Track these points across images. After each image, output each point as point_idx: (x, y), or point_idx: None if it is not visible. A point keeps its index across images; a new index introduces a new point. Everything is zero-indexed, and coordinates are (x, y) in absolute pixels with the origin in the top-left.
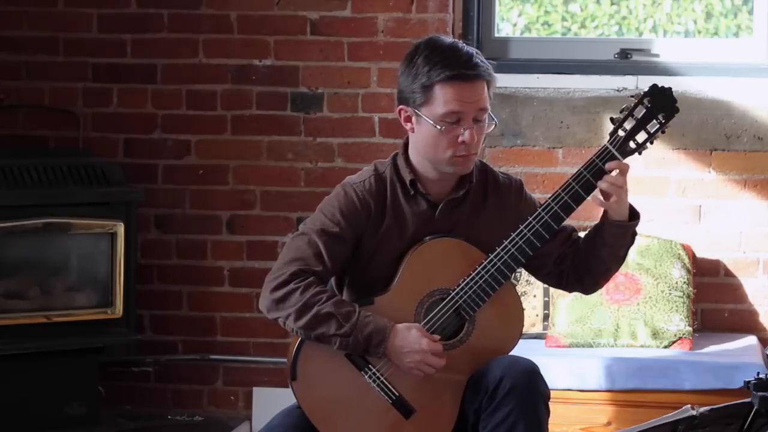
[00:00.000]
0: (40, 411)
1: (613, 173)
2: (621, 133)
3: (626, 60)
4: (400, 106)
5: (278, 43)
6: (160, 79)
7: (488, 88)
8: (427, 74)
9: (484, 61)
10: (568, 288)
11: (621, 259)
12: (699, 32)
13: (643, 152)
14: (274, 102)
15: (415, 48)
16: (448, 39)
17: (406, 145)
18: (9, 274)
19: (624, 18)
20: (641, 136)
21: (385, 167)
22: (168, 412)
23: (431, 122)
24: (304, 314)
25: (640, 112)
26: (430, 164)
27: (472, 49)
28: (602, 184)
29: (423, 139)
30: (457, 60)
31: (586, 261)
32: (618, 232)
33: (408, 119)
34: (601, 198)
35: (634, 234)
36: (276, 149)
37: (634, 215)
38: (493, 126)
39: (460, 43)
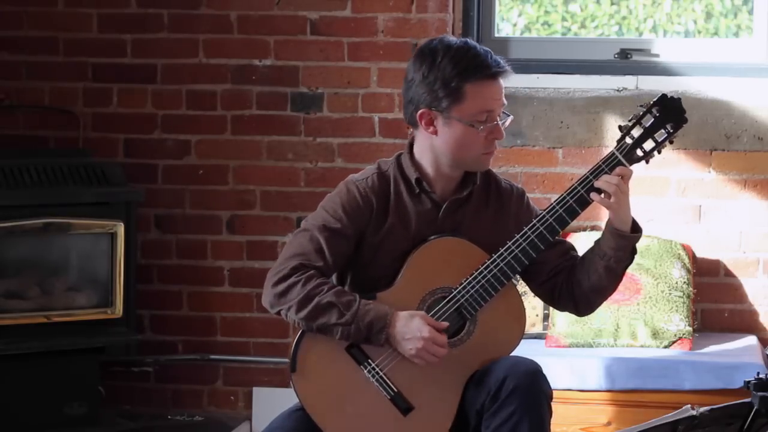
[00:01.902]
0: (40, 411)
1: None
2: (628, 140)
3: (626, 60)
4: (422, 110)
5: (278, 43)
6: (160, 79)
7: None
8: (457, 77)
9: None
10: (560, 304)
11: (617, 276)
12: (699, 32)
13: (650, 160)
14: (274, 102)
15: (430, 51)
16: (455, 38)
17: (411, 145)
18: (9, 274)
19: (624, 18)
20: (648, 144)
21: (388, 166)
22: (168, 412)
23: (467, 123)
24: (305, 305)
25: (648, 120)
26: (454, 163)
27: (482, 46)
28: (598, 183)
29: (454, 140)
30: (483, 61)
31: (582, 274)
32: (617, 243)
33: (430, 123)
34: (601, 196)
35: (634, 251)
36: (276, 149)
37: (636, 230)
38: (510, 119)
39: (470, 42)
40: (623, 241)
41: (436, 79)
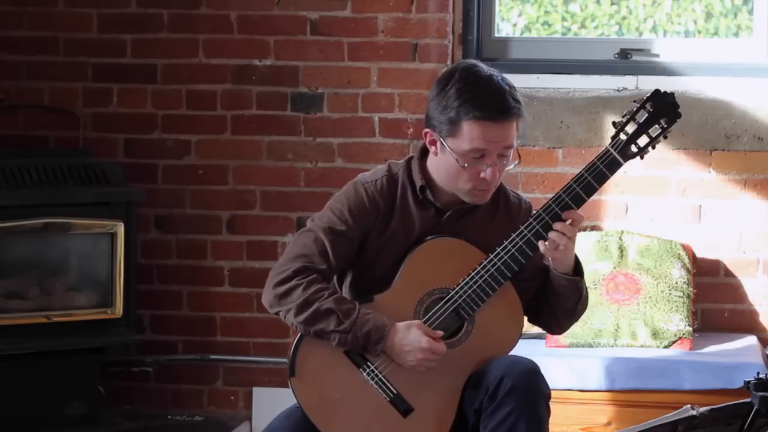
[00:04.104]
0: (40, 411)
1: (567, 222)
2: (622, 136)
3: (626, 60)
4: (427, 130)
5: (278, 43)
6: (160, 79)
7: (518, 126)
8: (456, 109)
9: (517, 98)
10: (532, 322)
11: (570, 311)
12: (699, 32)
13: (645, 156)
14: (274, 102)
15: (449, 74)
16: (485, 71)
17: (422, 150)
18: (9, 274)
19: (624, 18)
20: (643, 140)
21: (398, 168)
22: (168, 412)
23: (455, 156)
24: (304, 310)
25: (642, 116)
26: (447, 188)
27: (506, 85)
28: (551, 234)
29: (445, 168)
30: (488, 100)
31: (540, 301)
32: (559, 283)
33: (433, 143)
34: (548, 246)
35: (580, 290)
36: (276, 149)
37: (579, 272)
38: (517, 162)
39: (495, 77)
40: (564, 282)
41: (439, 105)
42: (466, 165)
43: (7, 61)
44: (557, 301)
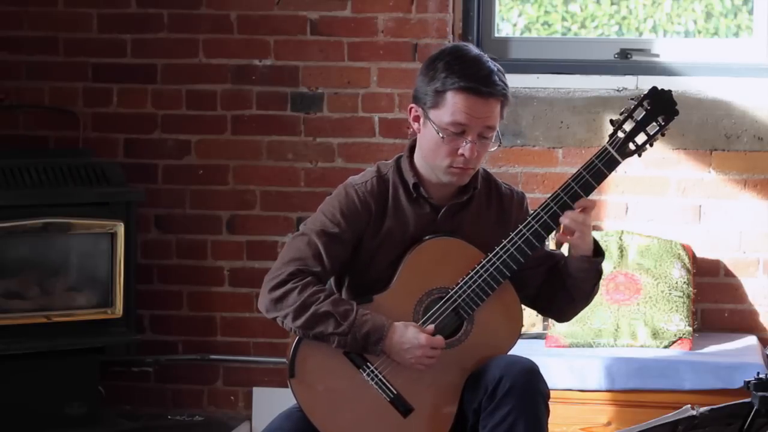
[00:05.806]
0: (40, 411)
1: (577, 209)
2: (620, 134)
3: (626, 60)
4: (412, 105)
5: (278, 43)
6: (160, 79)
7: (502, 108)
8: (443, 80)
9: (503, 80)
10: (542, 311)
11: (587, 294)
12: (699, 32)
13: (643, 153)
14: (274, 102)
15: (440, 52)
16: (475, 51)
17: (411, 148)
18: (9, 274)
19: (624, 18)
20: (641, 138)
21: (387, 168)
22: (168, 412)
23: (435, 128)
24: (302, 313)
25: (639, 114)
26: (429, 167)
27: (495, 66)
28: (564, 220)
29: (426, 142)
30: (476, 73)
31: (556, 289)
32: (580, 266)
33: (417, 119)
34: (565, 234)
35: (600, 272)
36: (276, 149)
37: (599, 252)
38: (497, 146)
39: (485, 57)
40: (586, 265)
41: (426, 77)
42: (444, 137)
43: (7, 61)
44: (574, 285)
